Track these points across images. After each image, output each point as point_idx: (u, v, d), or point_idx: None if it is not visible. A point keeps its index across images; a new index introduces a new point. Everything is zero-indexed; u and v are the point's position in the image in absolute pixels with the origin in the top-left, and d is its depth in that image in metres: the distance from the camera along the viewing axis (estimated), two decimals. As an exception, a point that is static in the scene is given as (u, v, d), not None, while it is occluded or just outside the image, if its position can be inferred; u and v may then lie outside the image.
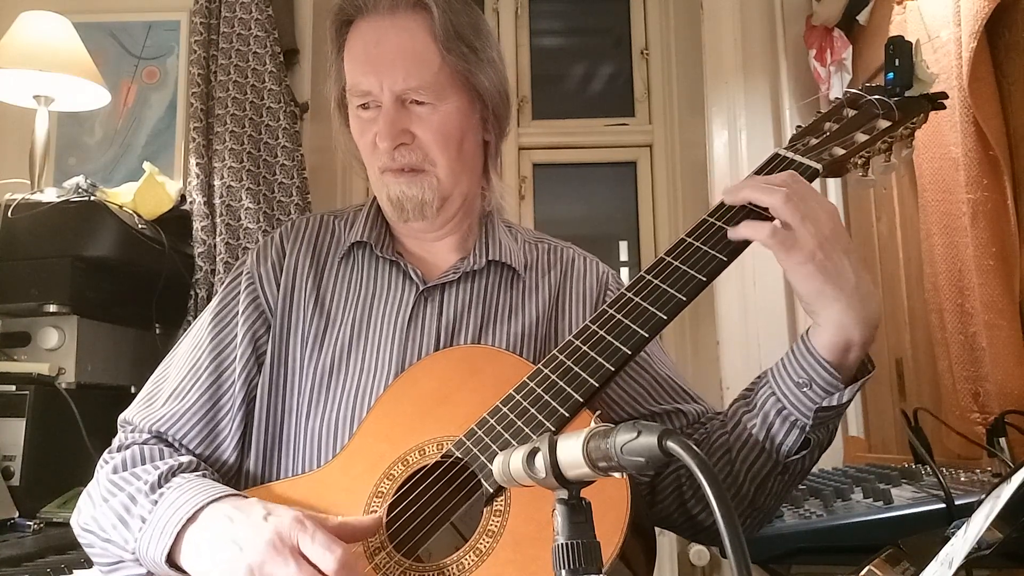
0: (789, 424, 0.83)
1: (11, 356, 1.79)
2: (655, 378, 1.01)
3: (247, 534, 0.76)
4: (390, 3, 0.95)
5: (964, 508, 0.97)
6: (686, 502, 0.92)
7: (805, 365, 0.82)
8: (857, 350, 0.81)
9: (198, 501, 0.82)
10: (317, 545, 0.74)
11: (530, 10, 2.92)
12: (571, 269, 1.07)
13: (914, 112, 0.95)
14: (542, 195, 2.83)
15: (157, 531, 0.81)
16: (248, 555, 0.75)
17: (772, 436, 0.84)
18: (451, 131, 0.97)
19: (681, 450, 0.48)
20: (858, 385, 0.82)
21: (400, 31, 0.95)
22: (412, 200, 0.98)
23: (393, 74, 0.94)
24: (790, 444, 0.84)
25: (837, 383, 0.80)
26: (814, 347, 0.81)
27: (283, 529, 0.75)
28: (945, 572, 0.58)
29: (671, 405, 1.00)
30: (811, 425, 0.82)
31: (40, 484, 1.64)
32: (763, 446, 0.85)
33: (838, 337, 0.80)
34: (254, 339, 1.00)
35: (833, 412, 0.83)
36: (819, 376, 0.81)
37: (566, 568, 0.52)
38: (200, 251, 2.21)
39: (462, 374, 0.90)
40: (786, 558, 1.02)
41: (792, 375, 0.83)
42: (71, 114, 2.33)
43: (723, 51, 2.33)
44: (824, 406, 0.81)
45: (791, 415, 0.83)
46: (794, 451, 0.84)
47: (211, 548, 0.78)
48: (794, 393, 0.82)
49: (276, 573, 0.73)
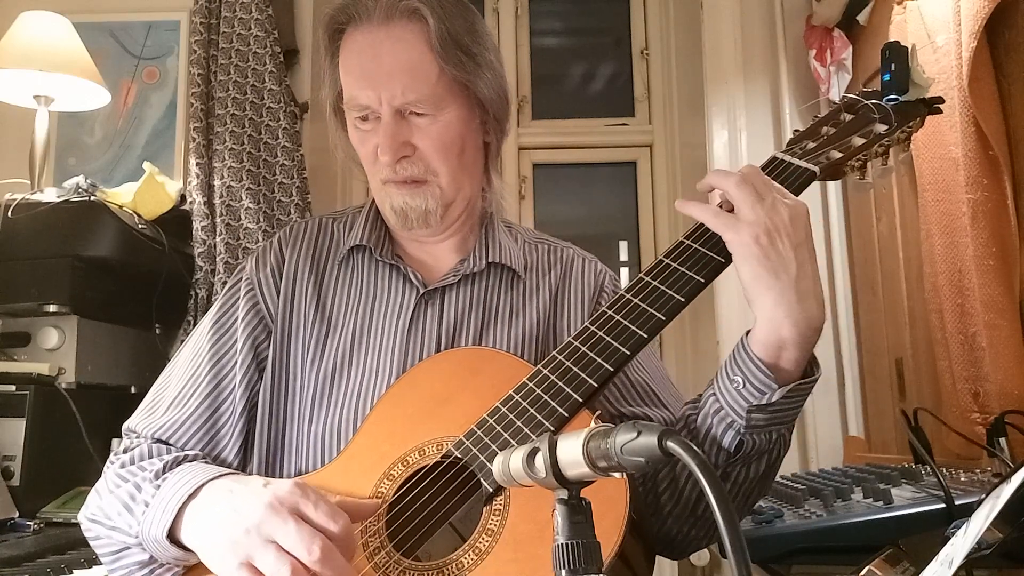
0: (725, 425, 0.82)
1: (11, 356, 1.79)
2: (628, 380, 1.01)
3: (245, 500, 0.77)
4: (385, 12, 0.94)
5: (964, 508, 0.97)
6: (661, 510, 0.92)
7: (740, 363, 0.81)
8: (791, 349, 0.79)
9: (199, 480, 0.83)
10: (320, 512, 0.74)
11: (530, 10, 2.92)
12: (570, 269, 1.07)
13: (911, 116, 0.96)
14: (542, 195, 2.83)
15: (159, 511, 0.82)
16: (246, 518, 0.75)
17: (711, 437, 0.83)
18: (451, 140, 0.97)
19: (681, 450, 0.48)
20: (791, 387, 0.79)
21: (396, 42, 0.93)
22: (416, 210, 0.98)
23: (391, 88, 0.93)
24: (727, 446, 0.82)
25: (770, 383, 0.79)
26: (748, 344, 0.81)
27: (282, 493, 0.76)
28: (945, 572, 0.58)
29: (639, 408, 1.00)
30: (744, 426, 0.80)
31: (40, 484, 1.64)
32: (702, 448, 0.83)
33: (770, 333, 0.79)
34: (255, 345, 1.00)
35: (768, 414, 0.80)
36: (752, 374, 0.79)
37: (566, 568, 0.52)
38: (200, 251, 2.21)
39: (462, 375, 0.90)
40: (786, 558, 1.02)
41: (729, 373, 0.82)
42: (71, 114, 2.33)
43: (723, 51, 2.33)
44: (756, 405, 0.79)
45: (727, 415, 0.82)
46: (732, 454, 0.83)
47: (211, 519, 0.79)
48: (730, 392, 0.81)
49: (274, 532, 0.74)
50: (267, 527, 0.74)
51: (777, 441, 0.84)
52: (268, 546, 0.73)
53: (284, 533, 0.73)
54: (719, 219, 0.81)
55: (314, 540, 0.72)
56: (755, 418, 0.80)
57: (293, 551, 0.72)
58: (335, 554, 0.73)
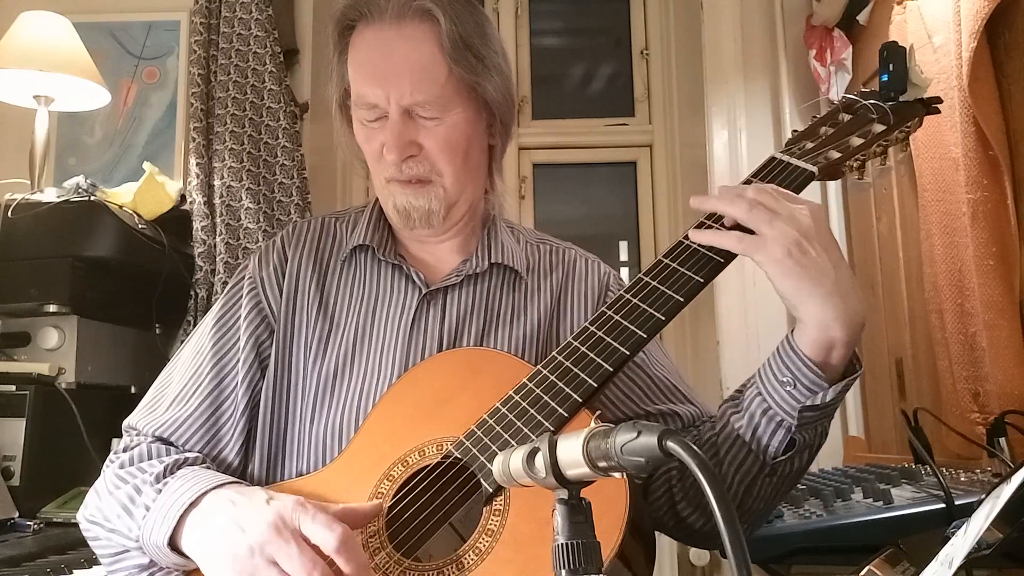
0: (775, 424, 0.82)
1: (11, 356, 1.79)
2: (651, 379, 1.01)
3: (249, 516, 0.77)
4: (396, 12, 0.93)
5: (964, 508, 0.97)
6: (676, 504, 0.92)
7: (789, 364, 0.81)
8: (841, 348, 0.79)
9: (201, 487, 0.83)
10: (318, 524, 0.75)
11: (530, 10, 2.92)
12: (573, 271, 1.07)
13: (909, 116, 0.96)
14: (542, 195, 2.83)
15: (160, 516, 0.82)
16: (250, 536, 0.75)
17: (759, 437, 0.84)
18: (458, 141, 0.97)
19: (681, 450, 0.48)
20: (842, 385, 0.80)
21: (407, 42, 0.93)
22: (419, 210, 0.98)
23: (400, 87, 0.93)
24: (776, 445, 0.83)
25: (821, 382, 0.79)
26: (797, 345, 0.81)
27: (285, 512, 0.76)
28: (945, 572, 0.58)
29: (666, 406, 1.00)
30: (796, 425, 0.81)
31: (40, 484, 1.64)
32: (750, 447, 0.84)
33: (820, 335, 0.79)
34: (257, 344, 1.00)
35: (819, 412, 0.81)
36: (803, 375, 0.80)
37: (566, 568, 0.52)
38: (200, 251, 2.21)
39: (462, 376, 0.90)
40: (786, 558, 1.02)
41: (777, 374, 0.82)
42: (71, 114, 2.33)
43: (723, 51, 2.33)
44: (808, 405, 0.80)
45: (776, 415, 0.82)
46: (781, 452, 0.83)
47: (213, 530, 0.79)
48: (779, 392, 0.82)
49: (277, 554, 0.74)
50: (270, 548, 0.74)
51: (821, 433, 0.85)
52: (271, 567, 0.74)
53: (287, 556, 0.74)
54: (744, 243, 0.80)
55: (315, 567, 0.73)
56: (807, 416, 0.81)
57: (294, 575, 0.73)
58: None
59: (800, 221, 0.79)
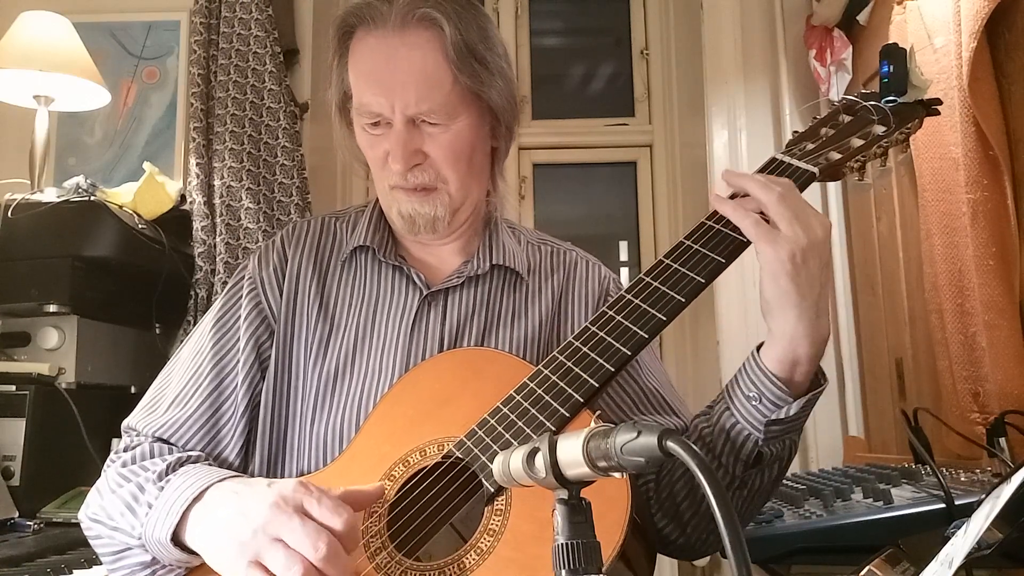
0: (743, 438, 0.84)
1: (11, 356, 1.79)
2: (642, 389, 1.02)
3: (251, 503, 0.77)
4: (400, 18, 0.92)
5: (964, 508, 0.97)
6: (652, 516, 0.92)
7: (754, 379, 0.83)
8: (805, 364, 0.81)
9: (204, 482, 0.83)
10: (324, 508, 0.75)
11: (530, 10, 2.92)
12: (574, 272, 1.07)
13: (909, 118, 0.96)
14: (542, 195, 2.83)
15: (163, 513, 0.82)
16: (253, 520, 0.75)
17: (727, 450, 0.85)
18: (462, 148, 0.96)
19: (681, 450, 0.48)
20: (806, 399, 0.82)
21: (411, 49, 0.92)
22: (424, 217, 0.98)
23: (405, 97, 0.92)
24: (744, 457, 0.84)
25: (786, 396, 0.81)
26: (763, 361, 0.82)
27: (286, 492, 0.76)
28: (945, 572, 0.58)
29: (652, 417, 1.00)
30: (763, 439, 0.83)
31: (40, 484, 1.64)
32: (719, 460, 0.85)
33: (786, 351, 0.81)
34: (257, 344, 1.00)
35: (784, 425, 0.83)
36: (767, 390, 0.81)
37: (566, 568, 0.52)
38: (200, 251, 2.21)
39: (463, 376, 0.90)
40: (786, 558, 1.02)
41: (743, 389, 0.84)
42: (71, 114, 2.33)
43: (723, 51, 2.33)
44: (773, 419, 0.82)
45: (744, 428, 0.83)
46: (751, 465, 0.85)
47: (217, 522, 0.79)
48: (745, 407, 0.83)
49: (281, 531, 0.74)
50: (273, 526, 0.74)
51: (789, 447, 0.87)
52: (276, 544, 0.74)
53: (290, 530, 0.74)
54: (759, 229, 0.81)
55: (320, 537, 0.73)
56: (772, 430, 0.83)
57: (299, 548, 0.73)
58: (340, 550, 0.73)
59: (815, 232, 0.80)
